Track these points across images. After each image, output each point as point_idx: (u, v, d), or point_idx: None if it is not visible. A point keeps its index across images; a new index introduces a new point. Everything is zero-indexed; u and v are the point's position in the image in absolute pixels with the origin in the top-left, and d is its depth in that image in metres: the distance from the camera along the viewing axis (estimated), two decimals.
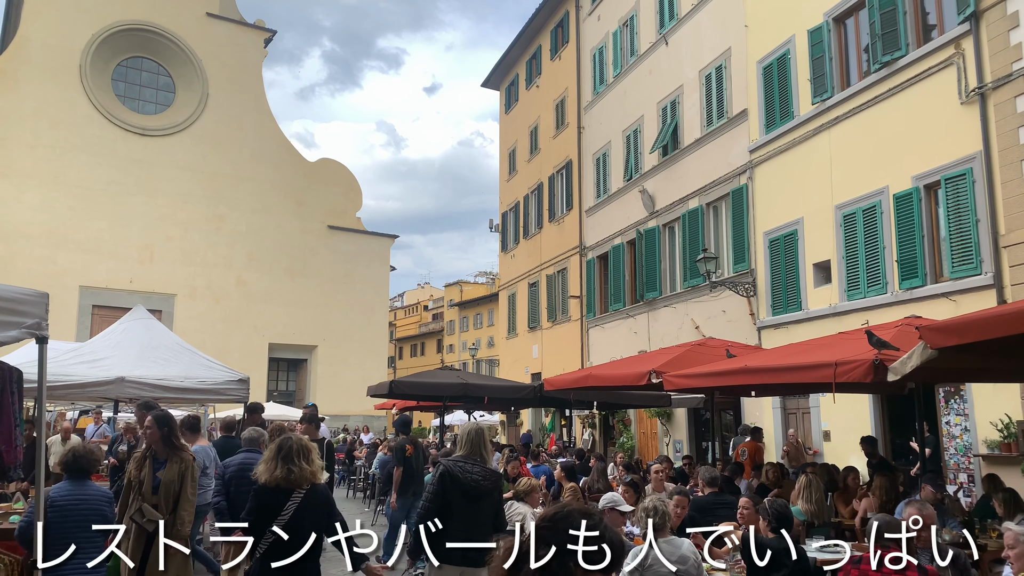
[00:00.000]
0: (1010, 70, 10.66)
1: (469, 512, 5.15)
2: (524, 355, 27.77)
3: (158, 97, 37.95)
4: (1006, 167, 10.66)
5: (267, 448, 4.76)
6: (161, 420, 5.79)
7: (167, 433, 5.74)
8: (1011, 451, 10.42)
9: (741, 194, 16.36)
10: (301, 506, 4.39)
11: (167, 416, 5.90)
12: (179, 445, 5.81)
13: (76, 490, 4.99)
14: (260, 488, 4.47)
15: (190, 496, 5.65)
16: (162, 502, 5.50)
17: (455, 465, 5.23)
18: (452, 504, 5.10)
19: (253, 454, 6.70)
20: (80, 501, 4.93)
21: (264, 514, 4.38)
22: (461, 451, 5.38)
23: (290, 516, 4.36)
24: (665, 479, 8.91)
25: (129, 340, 10.86)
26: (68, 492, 4.96)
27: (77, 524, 4.74)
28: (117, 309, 27.15)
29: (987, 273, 10.84)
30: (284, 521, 4.33)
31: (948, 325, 5.21)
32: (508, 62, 30.54)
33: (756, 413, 15.66)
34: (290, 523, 4.33)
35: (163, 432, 5.72)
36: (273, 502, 4.39)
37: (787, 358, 7.77)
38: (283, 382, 40.56)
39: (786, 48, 15.20)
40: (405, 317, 78.21)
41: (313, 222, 40.01)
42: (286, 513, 4.36)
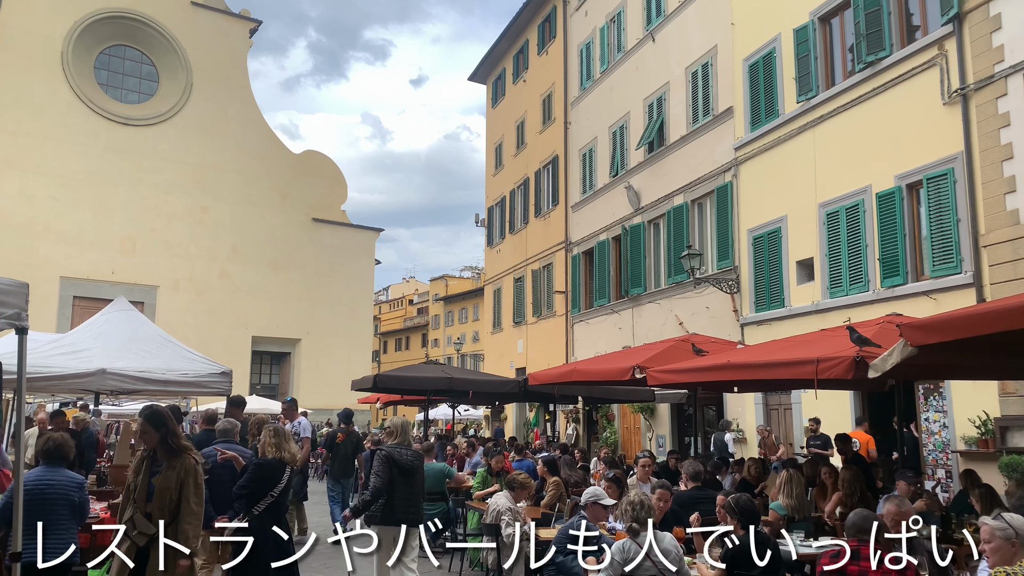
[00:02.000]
0: (992, 71, 10.77)
1: (405, 484, 6.80)
2: (509, 350, 27.80)
3: (141, 86, 37.61)
4: (987, 167, 10.78)
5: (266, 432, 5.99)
6: (156, 420, 4.93)
7: (165, 434, 4.90)
8: (988, 447, 10.56)
9: (726, 191, 16.44)
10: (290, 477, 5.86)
11: (161, 414, 5.00)
12: (178, 447, 4.91)
13: (48, 476, 5.21)
14: (264, 462, 5.84)
15: (194, 507, 4.78)
16: (156, 511, 4.73)
17: (394, 450, 6.83)
18: (394, 479, 6.69)
19: (228, 444, 6.78)
20: (48, 486, 5.13)
21: (265, 483, 5.69)
22: (396, 440, 6.95)
23: (284, 484, 5.77)
24: (650, 472, 8.97)
25: (111, 331, 10.75)
26: (38, 477, 5.18)
27: (43, 507, 4.96)
28: (98, 300, 26.89)
29: (967, 272, 10.96)
30: (281, 488, 5.73)
31: (928, 323, 5.26)
32: (495, 56, 30.48)
33: (739, 409, 15.78)
34: (284, 490, 5.78)
35: (161, 433, 4.90)
36: (273, 474, 5.75)
37: (769, 354, 7.82)
38: (266, 375, 40.40)
39: (772, 46, 15.27)
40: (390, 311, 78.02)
41: (297, 215, 39.83)
42: (283, 483, 5.76)
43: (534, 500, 9.42)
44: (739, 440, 15.42)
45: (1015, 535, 3.99)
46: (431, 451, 10.84)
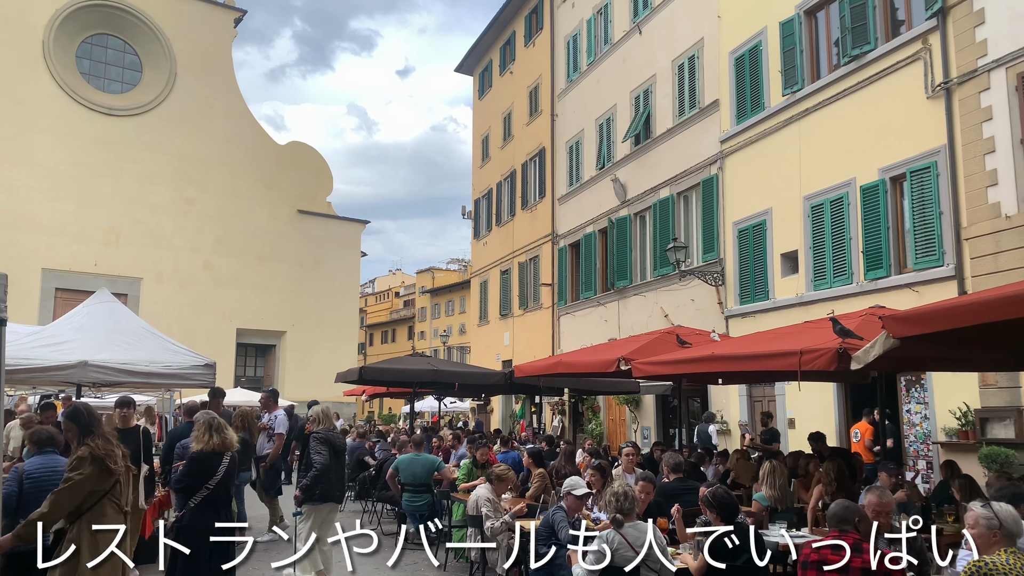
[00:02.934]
0: (975, 66, 10.84)
1: (337, 465, 7.46)
2: (495, 342, 27.80)
3: (124, 76, 37.18)
4: (969, 161, 10.86)
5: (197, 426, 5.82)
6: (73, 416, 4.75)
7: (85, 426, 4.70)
8: (968, 439, 10.68)
9: (711, 184, 16.48)
10: (228, 467, 5.73)
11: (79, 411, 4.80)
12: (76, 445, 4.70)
13: (49, 462, 5.38)
14: (198, 455, 5.65)
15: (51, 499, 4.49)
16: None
17: (326, 432, 7.44)
18: (329, 459, 7.23)
19: None
20: (52, 471, 5.20)
21: (200, 475, 5.58)
22: (321, 425, 7.52)
23: (222, 475, 5.63)
24: (634, 463, 9.01)
25: (92, 323, 10.64)
26: (41, 464, 5.34)
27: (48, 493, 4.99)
28: (81, 292, 26.66)
29: (949, 265, 11.06)
30: (217, 479, 5.59)
31: (910, 315, 5.30)
32: (482, 47, 30.38)
33: (723, 401, 15.86)
34: (222, 480, 5.63)
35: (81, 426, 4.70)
36: (208, 466, 5.62)
37: (753, 346, 7.86)
38: (251, 368, 40.19)
39: (758, 40, 15.30)
40: (376, 303, 77.84)
41: (283, 206, 39.56)
42: (219, 475, 5.61)
43: (519, 492, 9.44)
44: (723, 432, 15.51)
45: (999, 525, 4.03)
46: (421, 444, 10.85)
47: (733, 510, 5.36)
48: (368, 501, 12.27)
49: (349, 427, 22.02)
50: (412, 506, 10.13)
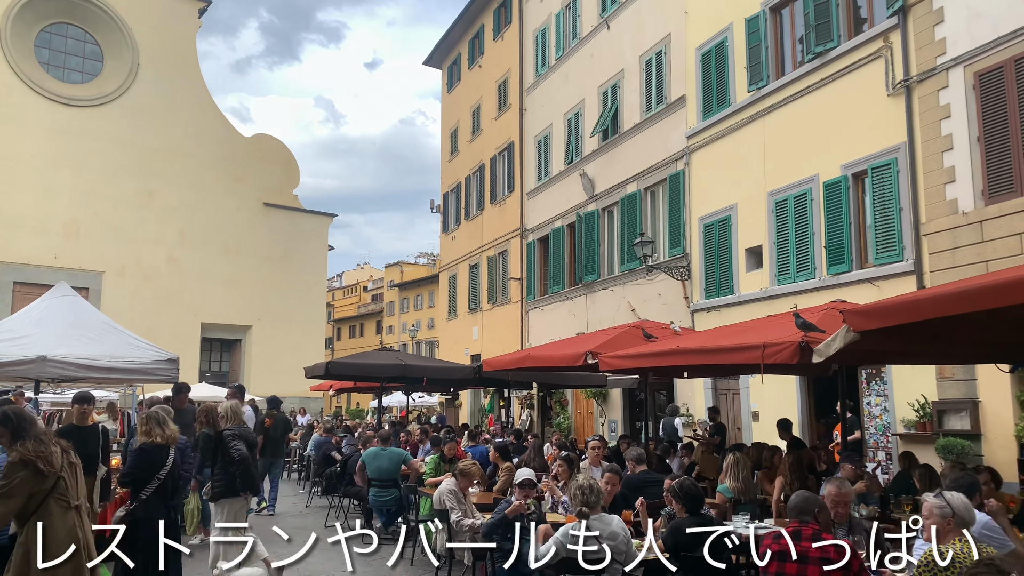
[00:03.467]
0: (934, 64, 11.04)
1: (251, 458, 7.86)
2: (464, 337, 27.77)
3: (85, 66, 36.38)
4: (928, 158, 11.07)
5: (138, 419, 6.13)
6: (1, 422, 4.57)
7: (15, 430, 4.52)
8: (926, 430, 10.91)
9: (678, 179, 16.61)
10: (175, 459, 5.94)
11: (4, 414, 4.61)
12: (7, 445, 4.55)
13: None
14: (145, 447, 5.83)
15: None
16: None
17: (237, 428, 7.76)
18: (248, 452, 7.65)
19: None
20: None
21: (149, 467, 5.74)
22: (231, 422, 7.77)
23: (170, 466, 5.79)
24: (601, 456, 9.08)
25: (51, 318, 10.46)
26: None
27: None
28: (40, 286, 26.03)
29: (908, 260, 11.27)
30: (167, 469, 5.76)
31: (870, 309, 5.39)
32: (450, 40, 30.25)
33: (688, 394, 16.02)
34: (171, 470, 5.81)
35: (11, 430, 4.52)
36: (156, 457, 5.79)
37: (718, 340, 7.95)
38: (216, 363, 39.69)
39: (724, 36, 15.43)
40: (344, 298, 77.29)
41: (249, 199, 39.06)
42: (168, 464, 5.78)
43: (487, 486, 9.46)
44: (688, 424, 15.67)
45: (952, 513, 4.15)
46: (388, 439, 10.81)
47: (699, 501, 5.43)
48: (335, 496, 12.21)
49: (316, 422, 21.87)
50: (379, 501, 10.09)
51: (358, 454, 11.38)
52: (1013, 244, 9.78)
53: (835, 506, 5.08)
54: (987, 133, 10.30)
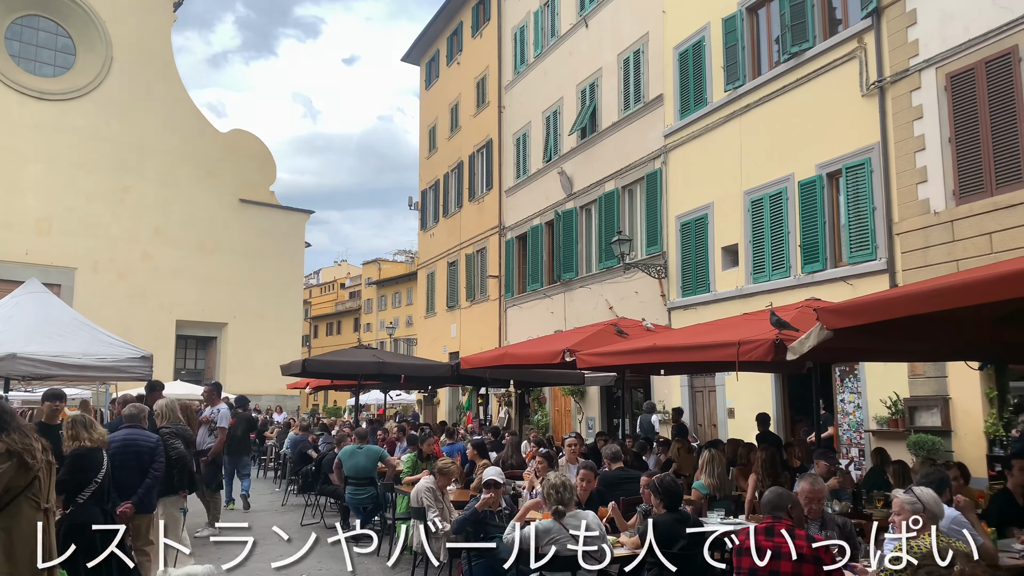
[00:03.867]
0: (907, 65, 11.19)
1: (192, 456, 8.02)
2: (442, 334, 27.72)
3: (57, 59, 35.81)
4: (901, 158, 11.21)
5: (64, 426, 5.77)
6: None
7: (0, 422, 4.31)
8: (898, 427, 11.07)
9: (655, 178, 16.69)
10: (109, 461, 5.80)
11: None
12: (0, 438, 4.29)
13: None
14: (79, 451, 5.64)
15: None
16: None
17: (174, 427, 7.65)
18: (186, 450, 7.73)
19: (135, 430, 6.74)
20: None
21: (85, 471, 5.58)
22: (167, 420, 7.64)
23: (106, 469, 5.67)
24: (578, 453, 9.11)
25: (22, 314, 10.29)
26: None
27: None
28: (10, 283, 25.54)
29: (881, 259, 11.42)
30: (103, 472, 5.62)
31: (843, 307, 5.44)
32: (429, 37, 30.15)
33: (665, 391, 16.12)
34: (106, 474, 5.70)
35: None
36: (91, 462, 5.63)
37: (694, 338, 8.01)
38: (191, 360, 39.28)
39: (701, 35, 15.52)
40: (321, 295, 76.75)
41: (225, 195, 38.66)
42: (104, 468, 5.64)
43: (464, 483, 9.46)
44: (664, 422, 15.76)
45: (923, 508, 4.21)
46: (365, 438, 10.77)
47: (677, 498, 5.46)
48: (311, 495, 12.14)
49: (292, 420, 21.75)
50: (355, 499, 10.05)
51: (334, 452, 11.32)
52: (983, 243, 9.94)
53: (808, 502, 5.13)
54: (958, 134, 10.45)
